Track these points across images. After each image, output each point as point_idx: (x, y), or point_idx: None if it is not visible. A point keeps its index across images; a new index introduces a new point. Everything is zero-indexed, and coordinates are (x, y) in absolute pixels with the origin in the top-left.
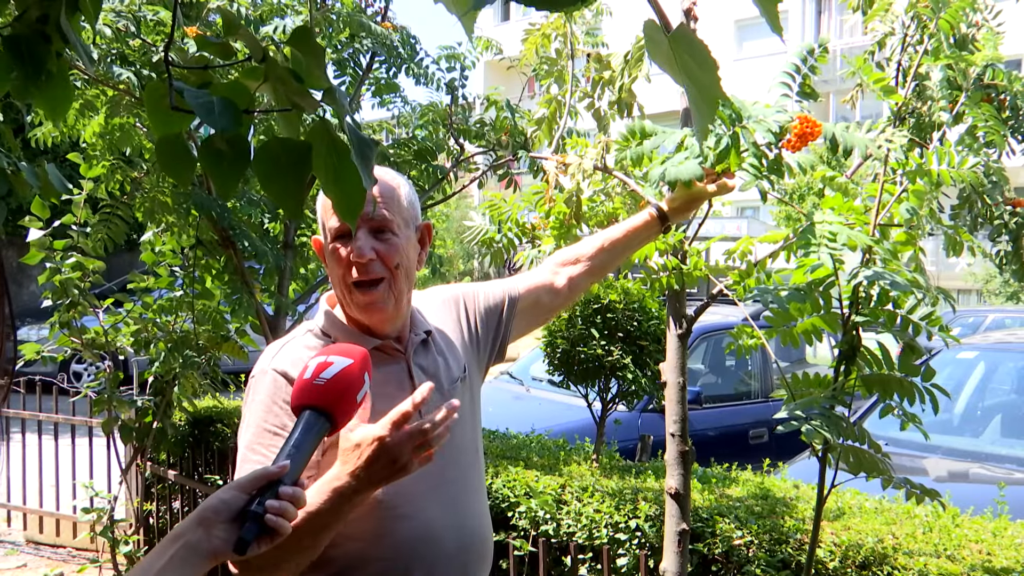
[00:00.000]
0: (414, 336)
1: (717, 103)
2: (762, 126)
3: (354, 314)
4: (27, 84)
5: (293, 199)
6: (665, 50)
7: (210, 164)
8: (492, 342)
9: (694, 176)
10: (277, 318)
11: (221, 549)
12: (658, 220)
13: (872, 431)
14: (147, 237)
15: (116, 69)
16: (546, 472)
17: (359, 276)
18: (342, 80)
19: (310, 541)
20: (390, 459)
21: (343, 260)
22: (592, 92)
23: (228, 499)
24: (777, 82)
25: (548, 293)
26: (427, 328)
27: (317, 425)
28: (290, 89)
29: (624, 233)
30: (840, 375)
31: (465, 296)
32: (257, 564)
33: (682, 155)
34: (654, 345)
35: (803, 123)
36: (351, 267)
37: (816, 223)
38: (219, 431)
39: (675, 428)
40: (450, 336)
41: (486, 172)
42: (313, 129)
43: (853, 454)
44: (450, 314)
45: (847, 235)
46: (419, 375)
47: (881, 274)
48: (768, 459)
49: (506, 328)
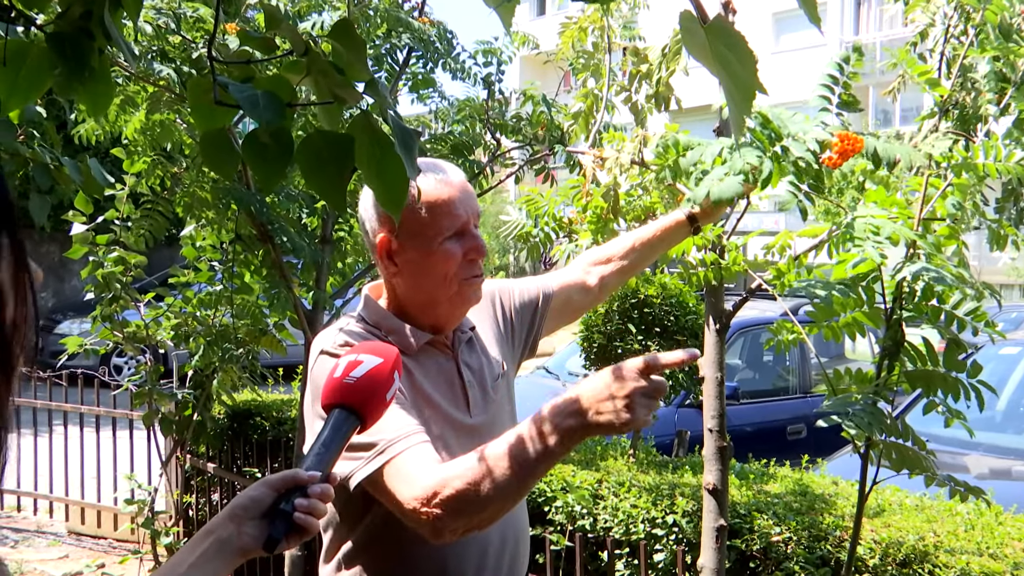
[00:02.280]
0: (460, 334)
1: (754, 96)
2: (800, 146)
3: (448, 310)
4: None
5: (336, 192)
6: (701, 42)
7: (254, 158)
8: (525, 338)
9: (736, 194)
10: (315, 312)
11: (250, 546)
12: (688, 222)
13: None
14: (187, 232)
15: (157, 66)
16: (583, 467)
17: (473, 272)
18: (379, 76)
19: (522, 487)
20: (633, 406)
21: (457, 256)
22: (629, 86)
23: (258, 496)
24: (815, 95)
25: (580, 292)
26: (471, 325)
27: (347, 424)
28: (332, 82)
29: (655, 233)
30: (883, 370)
31: (501, 292)
32: (473, 517)
33: (721, 170)
34: (692, 340)
35: (844, 141)
36: (469, 263)
37: (859, 217)
38: (258, 424)
39: (713, 423)
40: (488, 332)
41: (522, 167)
42: (355, 121)
43: (896, 451)
44: (486, 310)
45: (891, 229)
46: (467, 372)
47: (926, 269)
48: (807, 455)
49: (539, 325)
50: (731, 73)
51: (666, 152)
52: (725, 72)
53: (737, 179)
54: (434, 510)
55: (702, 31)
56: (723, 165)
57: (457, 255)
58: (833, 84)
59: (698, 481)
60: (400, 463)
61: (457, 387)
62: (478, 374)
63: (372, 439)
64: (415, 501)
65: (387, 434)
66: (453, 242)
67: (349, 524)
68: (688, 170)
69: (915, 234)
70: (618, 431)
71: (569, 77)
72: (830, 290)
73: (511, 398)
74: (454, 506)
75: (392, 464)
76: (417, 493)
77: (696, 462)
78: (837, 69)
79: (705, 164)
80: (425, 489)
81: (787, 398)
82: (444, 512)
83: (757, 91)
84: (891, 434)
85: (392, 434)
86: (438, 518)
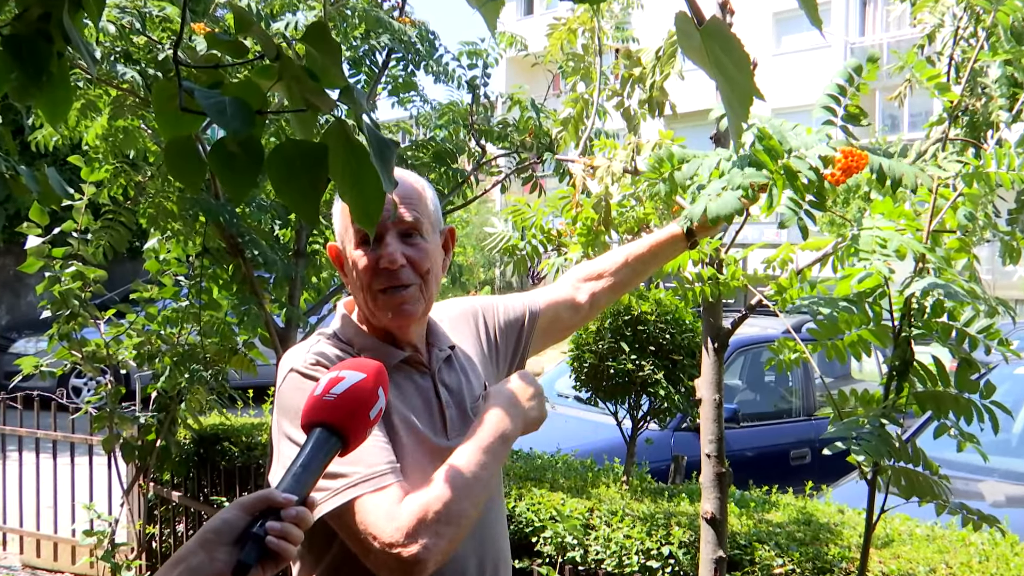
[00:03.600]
0: (438, 352)
1: (751, 101)
2: (803, 164)
3: (379, 323)
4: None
5: (309, 204)
6: (697, 45)
7: (222, 168)
8: (511, 358)
9: (734, 210)
10: (288, 330)
11: (223, 572)
12: (684, 236)
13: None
14: (151, 244)
15: (120, 68)
16: (573, 495)
17: (389, 283)
18: (357, 79)
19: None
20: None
21: (369, 267)
22: (621, 90)
23: (231, 519)
24: (820, 105)
25: (568, 309)
26: (450, 343)
27: (328, 444)
28: (305, 88)
29: (648, 248)
30: (891, 392)
31: (484, 309)
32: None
33: (718, 185)
34: (688, 359)
35: (848, 157)
36: (378, 274)
37: (864, 229)
38: (226, 449)
39: (711, 448)
40: (470, 351)
41: (509, 175)
42: (329, 130)
43: (905, 476)
44: (469, 328)
45: (898, 242)
46: (444, 394)
47: (936, 284)
48: (811, 481)
49: (525, 344)
50: (727, 78)
51: (660, 166)
52: (722, 77)
53: (735, 195)
54: (418, 543)
55: (698, 33)
56: (721, 179)
57: (365, 263)
58: (840, 95)
59: (696, 510)
60: (372, 501)
61: (434, 408)
62: (457, 395)
63: (344, 469)
64: (393, 539)
65: (361, 468)
66: (362, 249)
67: (316, 555)
68: (684, 184)
69: (924, 247)
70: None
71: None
72: (834, 307)
73: None
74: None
75: (363, 501)
76: (400, 524)
77: (693, 489)
78: (846, 79)
79: (702, 178)
80: (410, 518)
81: (790, 421)
82: (431, 541)
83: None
84: (900, 459)
85: (367, 469)
86: (425, 548)
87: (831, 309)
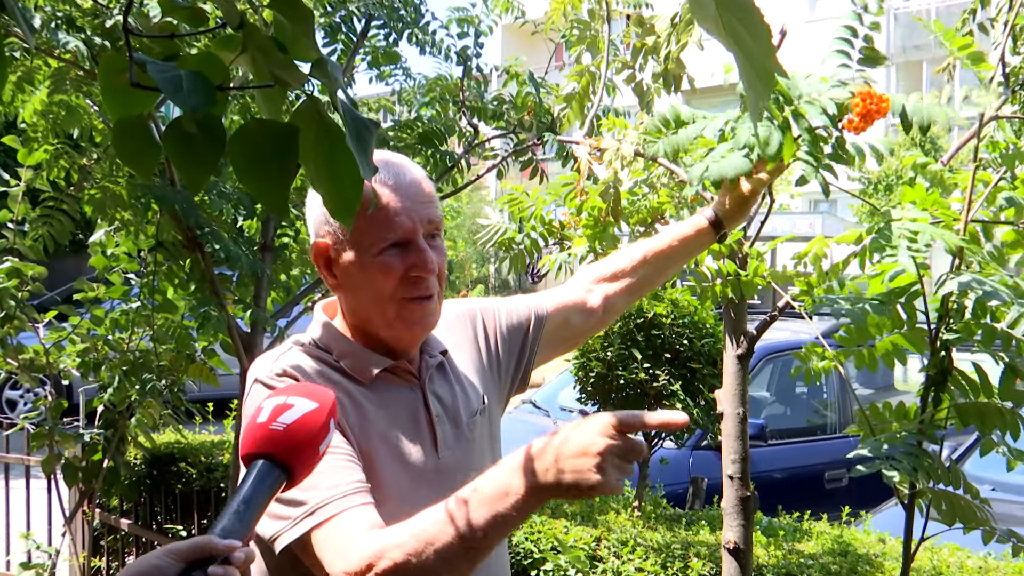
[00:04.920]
0: (429, 359)
1: (772, 76)
2: (815, 107)
3: (393, 332)
4: None
5: (276, 192)
6: (712, 13)
7: (178, 151)
8: (515, 368)
9: (741, 171)
10: (253, 335)
11: None
12: (712, 227)
13: (973, 472)
14: (97, 237)
15: (62, 36)
16: (578, 522)
17: (418, 292)
18: (333, 49)
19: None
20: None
21: (396, 272)
22: (633, 62)
23: (161, 566)
24: (832, 49)
25: (580, 313)
26: (442, 348)
27: (271, 477)
28: (273, 61)
29: (670, 243)
30: (928, 404)
31: (484, 312)
32: None
33: (725, 147)
34: (708, 368)
35: (865, 99)
36: (406, 282)
37: (893, 220)
38: (182, 471)
39: (734, 469)
40: (467, 359)
41: (505, 159)
42: (300, 109)
43: (946, 500)
44: (466, 333)
45: (930, 234)
46: (436, 406)
47: (977, 281)
48: (848, 507)
49: (531, 352)
50: (746, 52)
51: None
52: (739, 49)
53: (741, 154)
54: None
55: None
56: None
57: (396, 270)
58: (852, 36)
59: (717, 539)
60: (332, 528)
61: (423, 422)
62: (450, 408)
63: (302, 496)
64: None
65: (319, 492)
66: (393, 254)
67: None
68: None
69: (961, 239)
70: (583, 495)
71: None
72: (862, 308)
73: (494, 438)
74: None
75: (323, 529)
76: (349, 566)
77: (714, 516)
78: (855, 19)
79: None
80: (359, 560)
81: (824, 438)
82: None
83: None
84: (940, 480)
85: (325, 493)
86: None
87: (859, 310)
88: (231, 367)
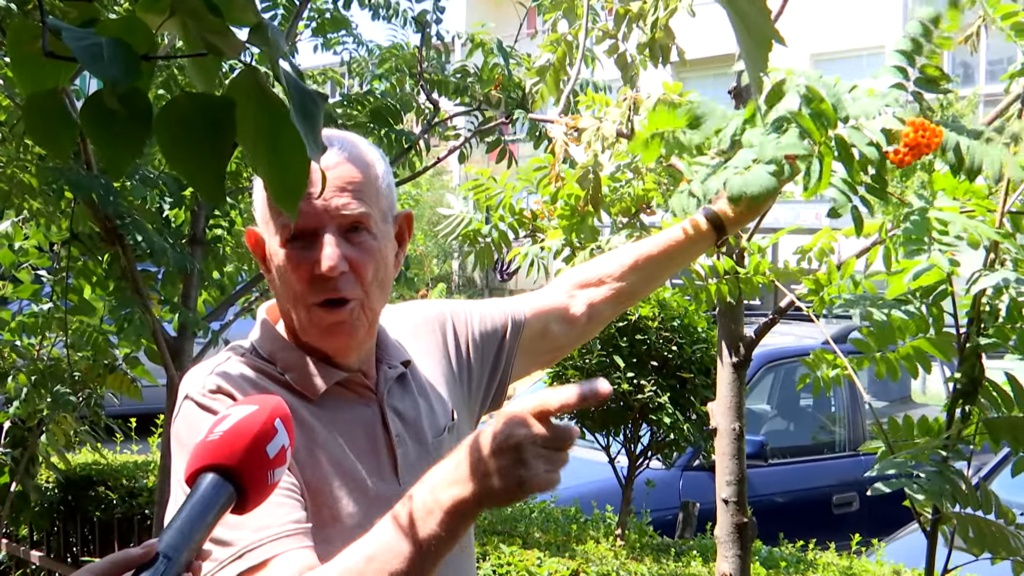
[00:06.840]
0: (388, 369)
1: (770, 45)
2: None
3: (310, 339)
4: None
5: (210, 175)
6: None
7: (97, 129)
8: (488, 380)
9: (766, 189)
10: (182, 340)
11: None
12: (712, 230)
13: (1004, 496)
14: (3, 229)
15: None
16: (553, 552)
17: (325, 294)
18: (273, 14)
19: None
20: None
21: (301, 271)
22: (615, 30)
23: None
24: (888, 66)
25: (561, 321)
26: (404, 358)
27: (216, 492)
28: (205, 26)
29: (665, 245)
30: (955, 418)
31: (454, 316)
32: None
33: (747, 155)
34: (700, 378)
35: (918, 130)
36: (312, 282)
37: (921, 211)
38: (101, 496)
39: (729, 492)
40: (434, 370)
41: (469, 140)
42: (236, 80)
43: (974, 526)
44: (434, 339)
45: (962, 226)
46: (396, 424)
47: (1015, 280)
48: (858, 534)
49: (506, 363)
50: (741, 16)
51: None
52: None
53: (767, 169)
54: None
55: None
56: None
57: (301, 267)
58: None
59: (710, 571)
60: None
61: (381, 443)
62: (413, 425)
63: (229, 535)
64: None
65: (248, 534)
66: (296, 247)
67: None
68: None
69: (998, 232)
70: (516, 497)
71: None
72: (884, 309)
73: None
74: None
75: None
76: None
77: (707, 545)
78: (922, 32)
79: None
80: None
81: (832, 457)
82: None
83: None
84: (967, 504)
85: (254, 536)
86: None
87: (880, 312)
88: (157, 378)
